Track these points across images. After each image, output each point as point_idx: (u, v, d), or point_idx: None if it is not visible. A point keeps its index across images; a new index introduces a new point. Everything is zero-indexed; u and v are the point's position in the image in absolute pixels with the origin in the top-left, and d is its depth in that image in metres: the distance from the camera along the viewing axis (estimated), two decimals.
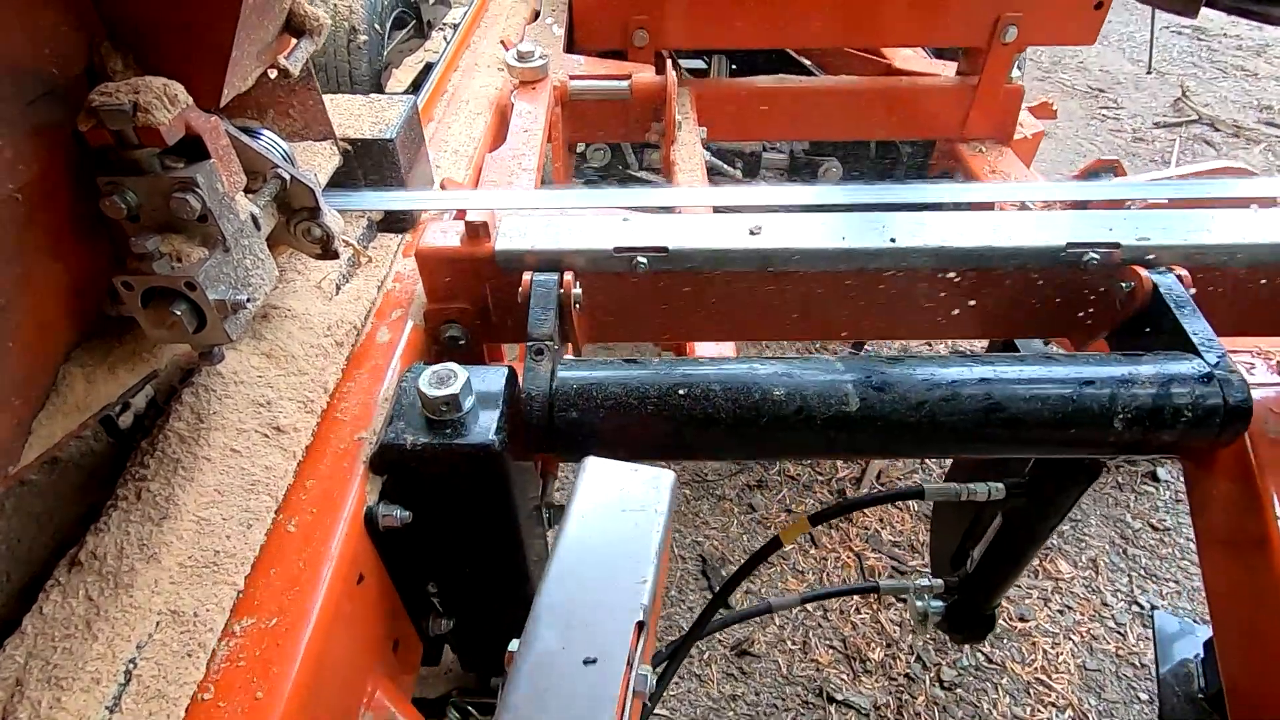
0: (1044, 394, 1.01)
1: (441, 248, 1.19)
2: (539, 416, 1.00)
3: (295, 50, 1.09)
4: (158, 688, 0.79)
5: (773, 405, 1.00)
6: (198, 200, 0.85)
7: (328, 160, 1.29)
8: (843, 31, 2.47)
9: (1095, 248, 1.15)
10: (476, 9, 2.47)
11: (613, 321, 1.26)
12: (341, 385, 1.13)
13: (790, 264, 1.17)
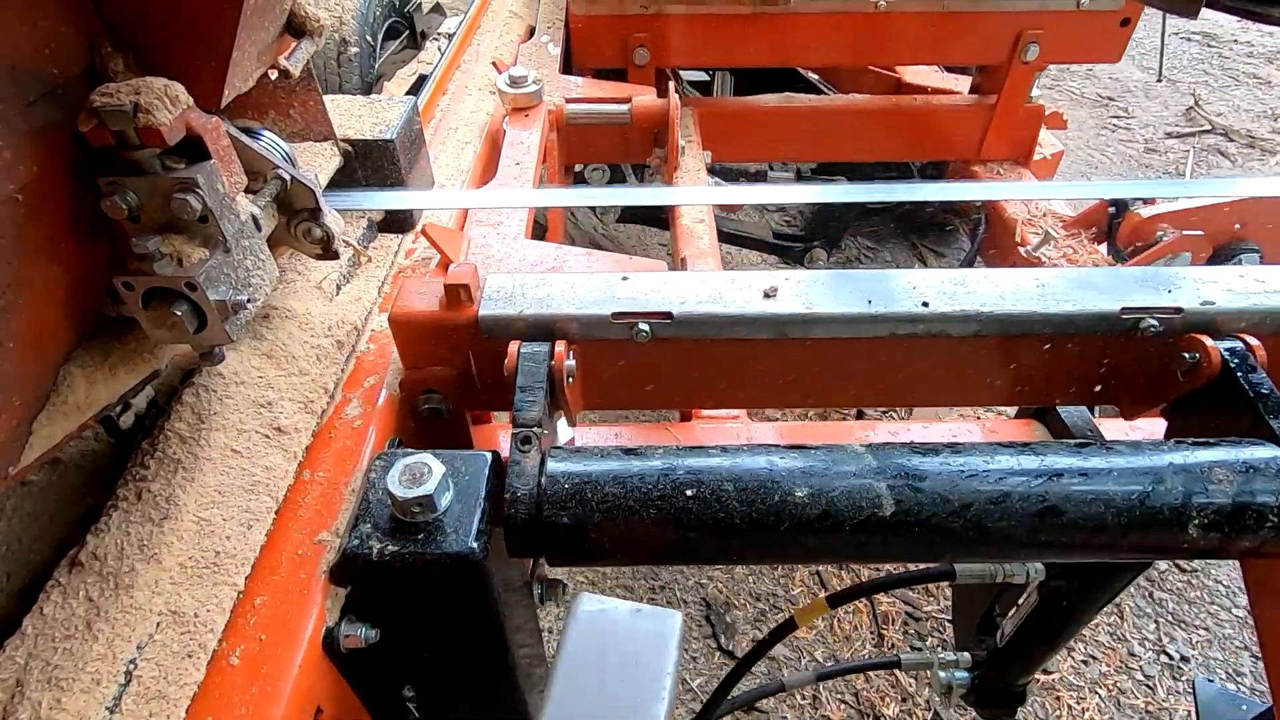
0: (1107, 495, 0.87)
1: (417, 312, 1.06)
2: (525, 519, 0.87)
3: (296, 51, 1.09)
4: (158, 688, 0.79)
5: (795, 508, 0.87)
6: (198, 201, 0.85)
7: (328, 161, 1.29)
8: (853, 51, 2.37)
9: (1153, 313, 1.02)
10: (469, 25, 2.38)
11: (610, 390, 1.14)
12: (305, 469, 1.01)
13: (810, 331, 1.05)
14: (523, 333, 1.04)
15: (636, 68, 2.34)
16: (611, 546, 0.88)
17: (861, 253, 3.95)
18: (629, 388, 1.14)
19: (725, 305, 1.05)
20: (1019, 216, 2.29)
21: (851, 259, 3.88)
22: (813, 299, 1.05)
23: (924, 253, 4.07)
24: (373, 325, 1.25)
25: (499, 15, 2.49)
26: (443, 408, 1.12)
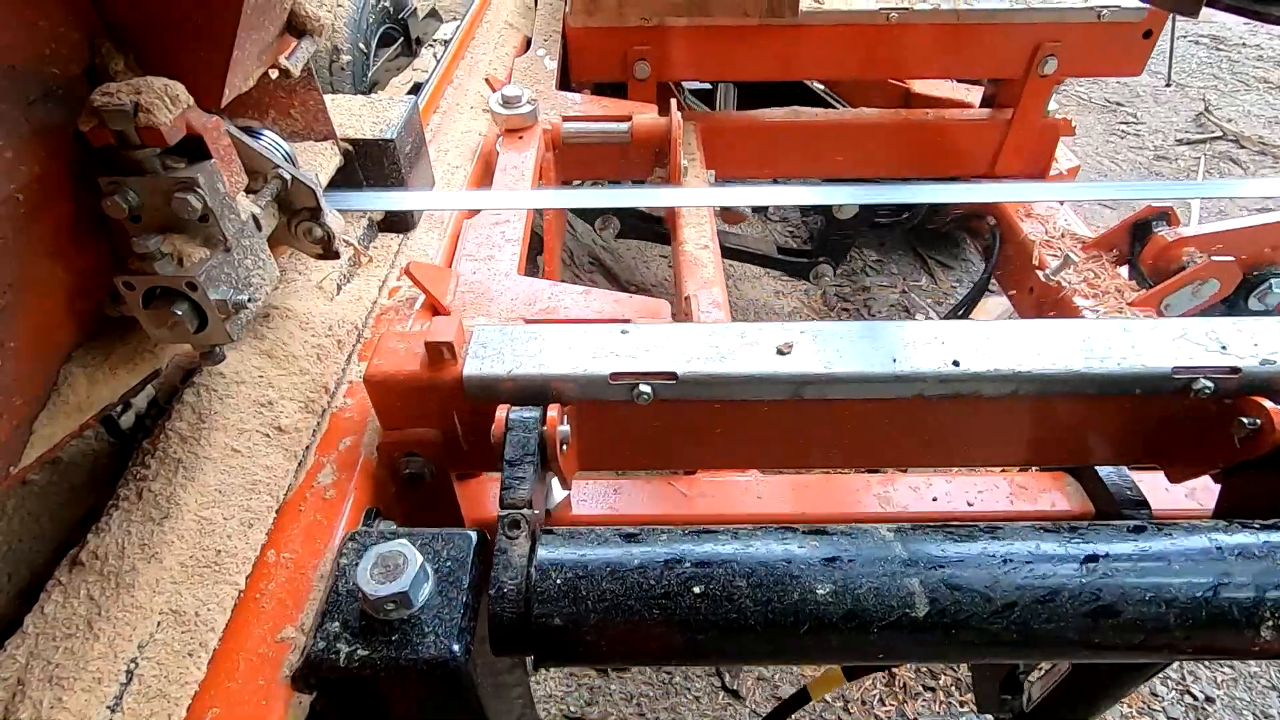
0: (1168, 591, 0.78)
1: (395, 373, 0.97)
2: (512, 618, 0.78)
3: (296, 50, 1.09)
4: (159, 687, 0.79)
5: (816, 607, 0.77)
6: (199, 200, 0.85)
7: (329, 160, 1.29)
8: (863, 64, 2.27)
9: (1208, 373, 0.93)
10: (462, 37, 2.28)
11: (607, 452, 1.05)
12: (270, 549, 0.92)
13: (828, 392, 0.96)
14: (512, 395, 0.94)
15: (637, 81, 2.25)
16: (609, 649, 0.80)
17: (867, 265, 3.93)
18: (628, 450, 1.06)
19: (735, 363, 0.95)
20: (1036, 238, 2.19)
21: (856, 271, 3.87)
22: (831, 356, 0.95)
23: (931, 265, 4.03)
24: (351, 375, 1.17)
25: (494, 26, 2.40)
26: (425, 471, 1.03)
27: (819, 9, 2.15)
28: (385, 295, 1.32)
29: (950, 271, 4.04)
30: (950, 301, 3.93)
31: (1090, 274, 2.01)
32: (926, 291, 3.96)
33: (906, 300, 3.89)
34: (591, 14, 2.10)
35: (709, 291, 1.66)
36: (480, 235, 1.47)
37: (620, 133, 1.88)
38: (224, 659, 0.82)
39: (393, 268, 1.38)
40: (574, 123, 1.89)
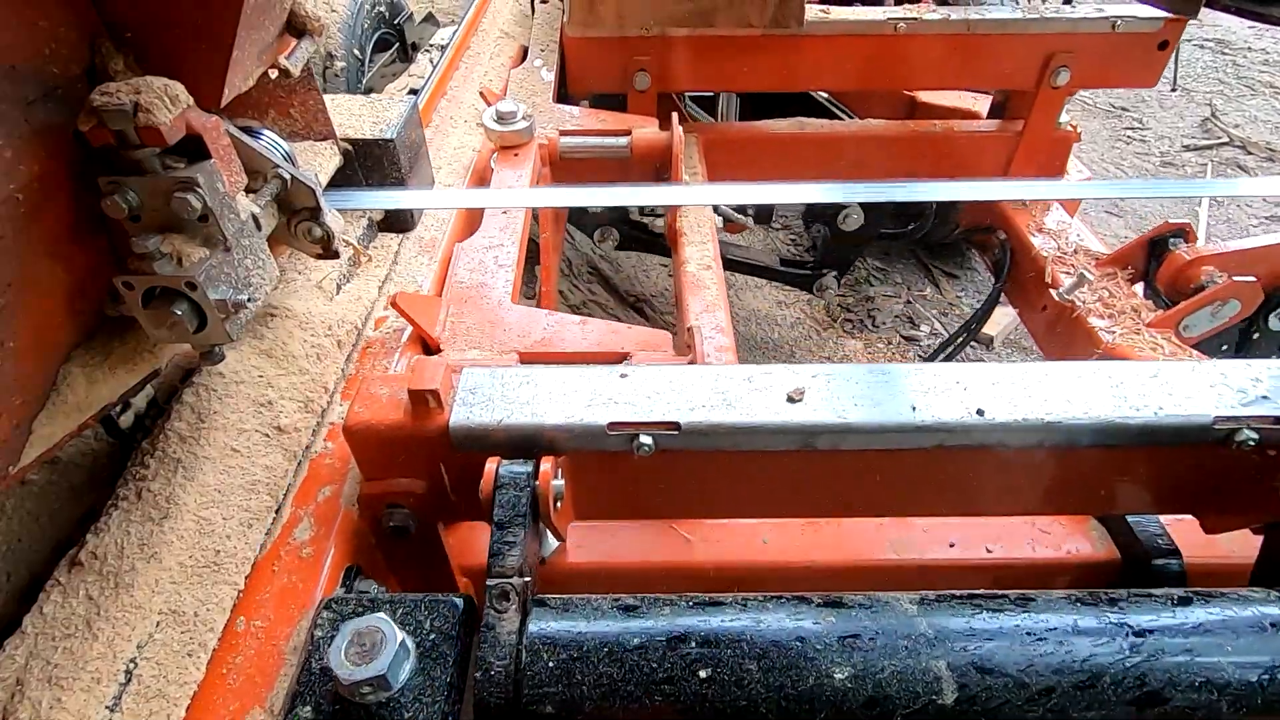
0: (1220, 675, 0.71)
1: (377, 423, 0.89)
2: (499, 702, 0.71)
3: (296, 50, 1.09)
4: (158, 687, 0.79)
5: (834, 693, 0.71)
6: (199, 200, 0.85)
7: (328, 160, 1.29)
8: (869, 75, 2.21)
9: (1252, 423, 0.86)
10: (457, 47, 2.22)
11: (603, 503, 0.99)
12: (239, 615, 0.87)
13: (842, 442, 0.89)
14: (502, 446, 0.87)
15: (637, 92, 2.18)
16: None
17: (871, 274, 3.92)
18: (627, 501, 0.99)
19: (742, 412, 0.88)
20: (1048, 254, 2.13)
21: (860, 280, 3.86)
22: (845, 404, 0.89)
23: (936, 275, 3.99)
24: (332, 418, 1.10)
25: (489, 35, 2.33)
26: (410, 523, 0.96)
27: (824, 19, 2.09)
28: (383, 298, 1.32)
29: (956, 281, 4.00)
30: (956, 313, 3.87)
31: (1105, 292, 1.93)
32: (931, 302, 3.92)
33: (911, 311, 3.84)
34: (589, 24, 2.02)
35: (713, 316, 1.56)
36: (472, 260, 1.41)
37: (619, 147, 1.81)
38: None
39: (393, 268, 1.38)
40: (572, 137, 1.83)
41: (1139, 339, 1.77)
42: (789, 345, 3.75)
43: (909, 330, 3.78)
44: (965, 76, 2.26)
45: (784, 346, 3.74)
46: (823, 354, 3.71)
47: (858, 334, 3.80)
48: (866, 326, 3.81)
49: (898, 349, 3.71)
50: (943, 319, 3.81)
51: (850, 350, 3.71)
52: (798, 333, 3.80)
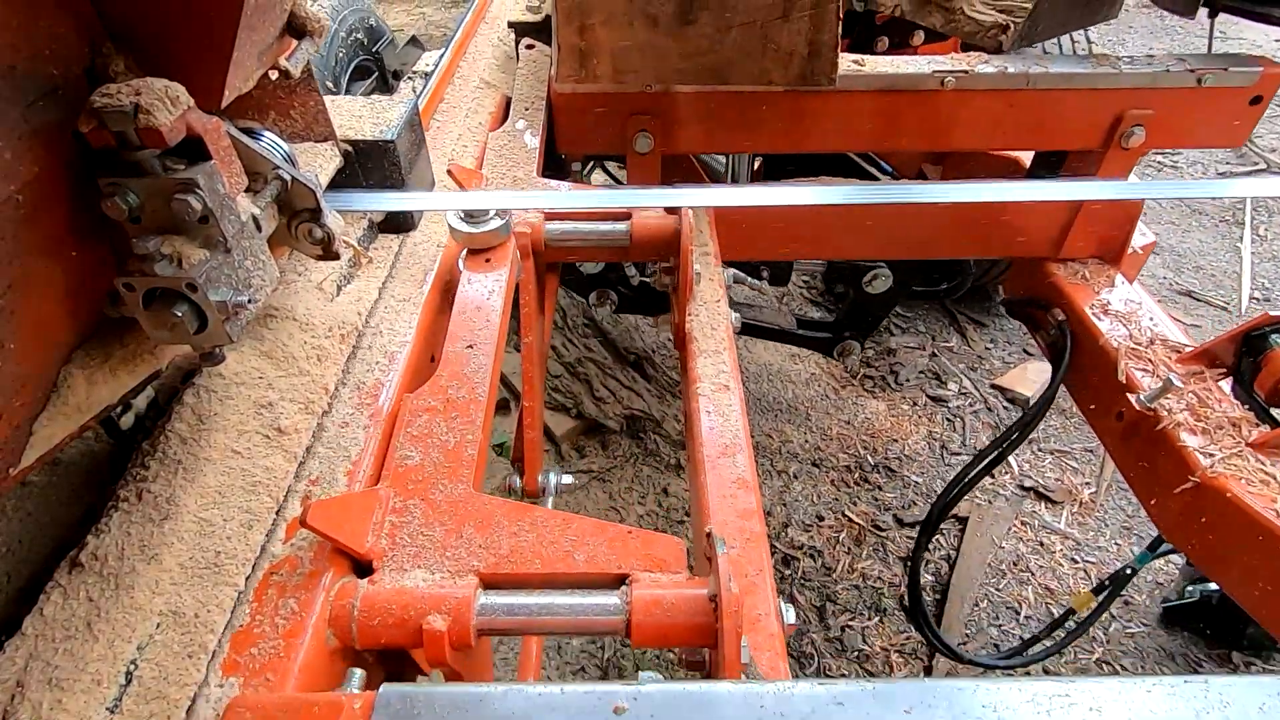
0: None
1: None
2: None
3: (296, 51, 1.09)
4: (159, 689, 0.79)
5: None
6: (199, 201, 0.85)
7: (328, 161, 1.29)
8: (908, 136, 1.93)
9: None
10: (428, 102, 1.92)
11: None
12: None
13: None
14: None
15: (638, 155, 1.88)
16: None
17: (892, 323, 3.78)
18: None
19: None
20: (1119, 343, 1.78)
21: (881, 329, 3.68)
22: None
23: (962, 323, 3.79)
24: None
25: (467, 85, 2.02)
26: None
27: (859, 72, 1.79)
28: (384, 299, 1.32)
29: (984, 330, 3.78)
30: (986, 366, 3.61)
31: (1193, 399, 1.59)
32: (958, 354, 3.69)
33: (937, 365, 3.62)
34: (581, 79, 1.66)
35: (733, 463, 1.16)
36: (423, 425, 1.08)
37: (617, 234, 1.52)
38: None
39: (392, 269, 1.38)
40: (560, 223, 1.53)
41: (1243, 465, 1.46)
42: (803, 407, 3.48)
43: (936, 389, 3.55)
44: (1022, 137, 1.96)
45: (798, 408, 3.48)
46: (841, 417, 3.44)
47: (879, 393, 3.55)
48: (889, 384, 3.58)
49: (924, 411, 3.46)
50: (971, 374, 3.59)
51: (872, 412, 3.44)
52: (813, 391, 3.56)
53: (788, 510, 3.05)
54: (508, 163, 1.73)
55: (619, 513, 3.03)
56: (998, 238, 2.06)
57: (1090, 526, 3.00)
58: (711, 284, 1.59)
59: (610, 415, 3.28)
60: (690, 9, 1.49)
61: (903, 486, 3.15)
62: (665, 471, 3.19)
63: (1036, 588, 2.81)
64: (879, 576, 2.83)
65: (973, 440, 3.35)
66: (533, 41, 2.17)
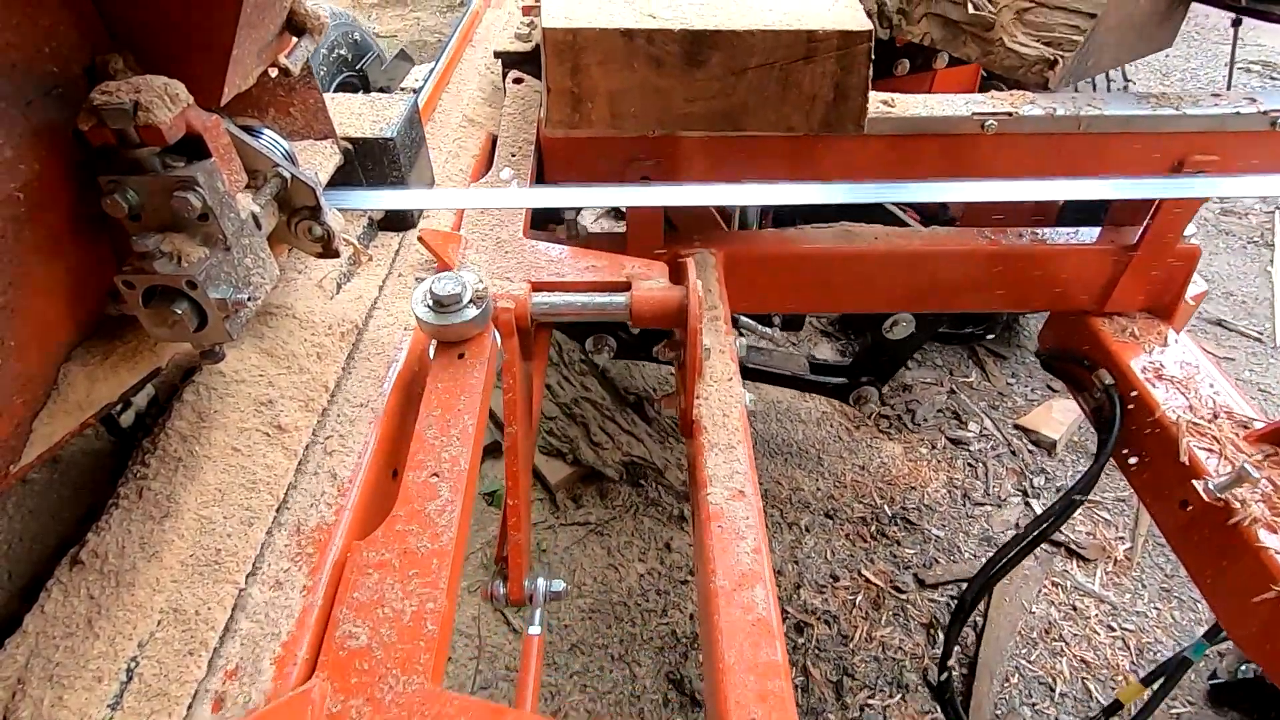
0: None
1: None
2: None
3: (296, 49, 1.09)
4: (160, 686, 0.79)
5: None
6: (199, 199, 0.85)
7: (328, 159, 1.29)
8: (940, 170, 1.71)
9: None
10: None
11: None
12: None
13: None
14: None
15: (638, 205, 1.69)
16: None
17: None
18: None
19: None
20: (1178, 417, 1.57)
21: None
22: None
23: (982, 355, 3.56)
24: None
25: (449, 122, 1.80)
26: None
27: (888, 114, 1.58)
28: (384, 296, 1.32)
29: (1004, 364, 3.55)
30: (1008, 405, 3.36)
31: (1270, 487, 1.39)
32: (978, 391, 3.43)
33: (956, 403, 3.37)
34: (574, 124, 1.44)
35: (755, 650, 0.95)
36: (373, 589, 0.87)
37: (615, 307, 1.30)
38: None
39: (392, 267, 1.38)
40: (549, 294, 1.30)
41: None
42: (815, 450, 3.23)
43: (955, 430, 3.29)
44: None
45: (809, 451, 3.23)
46: (855, 461, 3.19)
47: (895, 434, 3.30)
48: (905, 424, 3.32)
49: (943, 455, 3.20)
50: (993, 413, 3.34)
51: (888, 456, 3.20)
52: (824, 432, 3.32)
53: (799, 569, 2.83)
54: (491, 220, 1.48)
55: (618, 570, 2.81)
56: (1035, 290, 1.86)
57: (1126, 588, 2.78)
58: (723, 357, 1.41)
59: (609, 462, 3.04)
60: (699, 49, 1.31)
61: (923, 541, 2.92)
62: (668, 524, 2.96)
63: (1071, 659, 2.56)
64: (900, 646, 2.60)
65: (996, 488, 3.09)
66: (521, 75, 1.93)
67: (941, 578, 2.80)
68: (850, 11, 1.37)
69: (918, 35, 1.96)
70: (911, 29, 1.98)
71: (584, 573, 2.80)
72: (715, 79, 1.36)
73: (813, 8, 1.37)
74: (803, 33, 1.30)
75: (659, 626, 2.65)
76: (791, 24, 1.31)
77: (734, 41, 1.31)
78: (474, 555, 2.82)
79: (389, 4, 7.28)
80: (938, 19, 1.89)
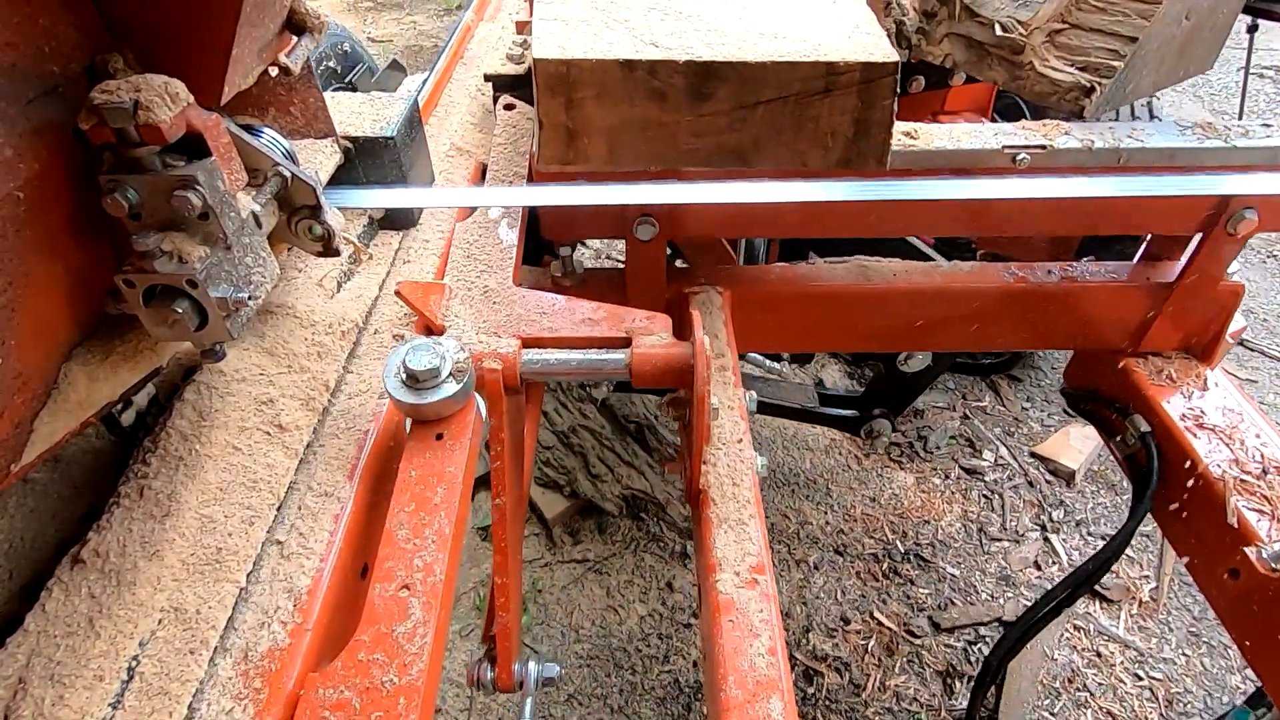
0: None
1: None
2: None
3: (296, 48, 1.09)
4: (160, 685, 0.79)
5: None
6: (199, 198, 0.85)
7: (329, 158, 1.29)
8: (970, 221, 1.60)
9: None
10: None
11: None
12: None
13: None
14: None
15: (639, 242, 1.55)
16: None
17: None
18: None
19: None
20: (1223, 472, 1.45)
21: None
22: None
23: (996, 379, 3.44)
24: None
25: (436, 150, 1.64)
26: None
27: (911, 147, 1.46)
28: (385, 295, 1.32)
29: (1019, 387, 3.38)
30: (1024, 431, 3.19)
31: None
32: (992, 416, 3.27)
33: (969, 429, 3.22)
34: (569, 161, 1.31)
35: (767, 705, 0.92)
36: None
37: (612, 365, 1.18)
38: None
39: (393, 265, 1.38)
40: (540, 351, 1.18)
41: None
42: (823, 480, 3.09)
43: (969, 458, 3.14)
44: (1109, 221, 1.60)
45: (817, 482, 3.08)
46: (865, 493, 3.04)
47: (907, 463, 3.14)
48: (917, 452, 3.17)
49: (957, 485, 3.06)
50: (1008, 439, 3.18)
51: (899, 487, 3.06)
52: (833, 461, 3.17)
53: (808, 610, 2.69)
54: (478, 266, 1.33)
55: (617, 613, 2.69)
56: (1063, 328, 1.74)
57: (1153, 632, 2.63)
58: (731, 415, 1.27)
59: (608, 496, 2.91)
60: (706, 82, 1.19)
61: (937, 580, 2.79)
62: (670, 561, 2.83)
63: (1097, 711, 2.41)
64: (914, 696, 2.46)
65: (1013, 522, 2.94)
66: (513, 101, 1.76)
67: (958, 621, 2.66)
68: (873, 39, 1.23)
69: (938, 56, 1.84)
70: (932, 49, 1.84)
71: (581, 614, 2.69)
72: (723, 113, 1.23)
73: (831, 34, 1.24)
74: (821, 64, 1.18)
75: (661, 674, 2.53)
76: (808, 54, 1.18)
77: (744, 73, 1.18)
78: (466, 595, 2.70)
79: (385, 7, 7.19)
80: (961, 39, 1.76)
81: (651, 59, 1.17)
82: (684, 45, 1.20)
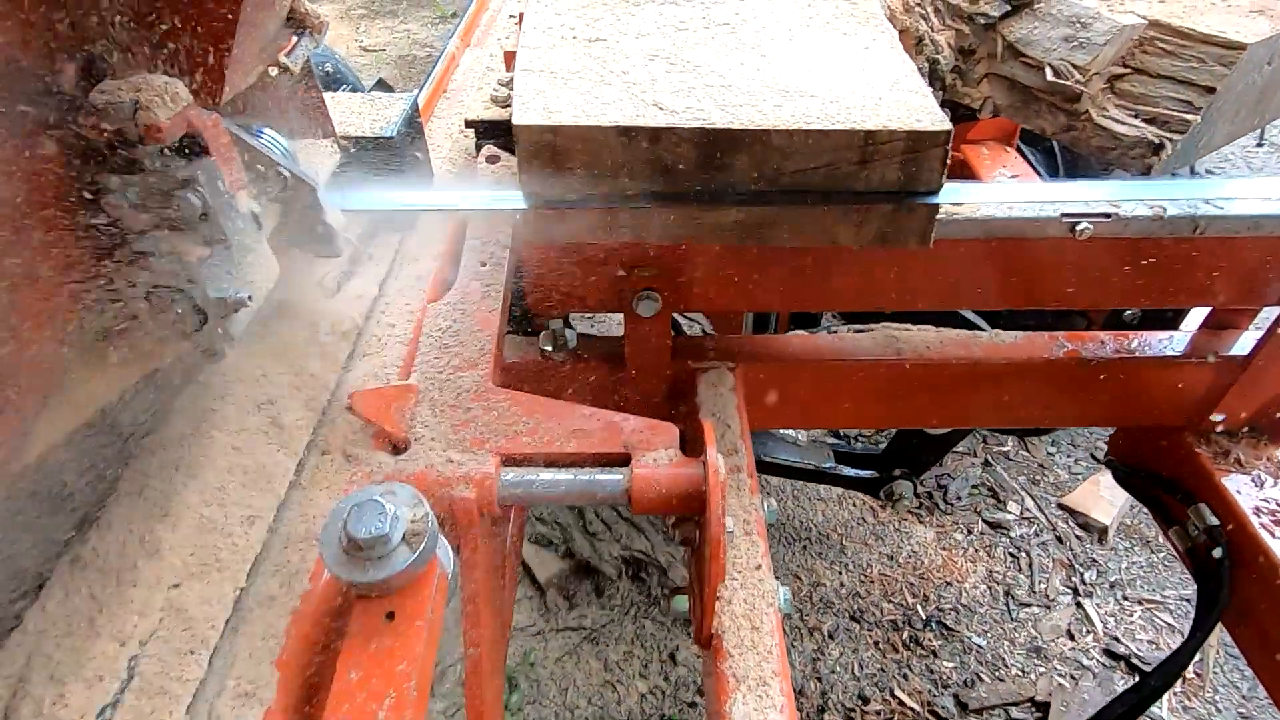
0: None
1: None
2: None
3: (296, 48, 1.09)
4: (160, 684, 0.79)
5: None
6: (199, 198, 0.85)
7: (328, 158, 1.29)
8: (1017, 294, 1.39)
9: None
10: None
11: None
12: None
13: None
14: None
15: (639, 318, 1.34)
16: None
17: None
18: None
19: None
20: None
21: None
22: None
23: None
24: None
25: None
26: None
27: (955, 214, 1.20)
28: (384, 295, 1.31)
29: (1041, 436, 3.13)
30: (1050, 480, 2.96)
31: None
32: (1016, 463, 3.05)
33: (991, 478, 3.00)
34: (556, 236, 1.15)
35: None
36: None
37: (610, 489, 1.00)
38: None
39: (392, 265, 1.38)
40: (523, 471, 1.02)
41: None
42: (837, 536, 2.88)
43: (993, 511, 2.92)
44: (1175, 294, 1.38)
45: (830, 538, 2.87)
46: (882, 550, 2.83)
47: (926, 516, 2.91)
48: (937, 504, 2.94)
49: (981, 542, 2.82)
50: (1034, 489, 2.95)
51: (918, 544, 2.83)
52: (847, 514, 2.96)
53: (823, 687, 2.45)
54: (454, 361, 1.16)
55: (616, 690, 2.46)
56: (1117, 405, 1.55)
57: (1198, 713, 2.37)
58: (748, 535, 1.10)
59: (606, 557, 2.72)
60: (719, 152, 1.00)
61: (962, 652, 2.54)
62: (672, 628, 2.61)
63: None
64: None
65: (1042, 584, 2.70)
66: (496, 152, 1.49)
67: (986, 700, 2.42)
68: (918, 98, 1.04)
69: (976, 99, 1.58)
70: (969, 90, 1.58)
71: (577, 692, 2.46)
72: (738, 187, 1.05)
73: (866, 91, 1.05)
74: (858, 133, 0.99)
75: None
76: (841, 119, 1.00)
77: (765, 142, 0.99)
78: (451, 669, 2.42)
79: (378, 15, 7.00)
80: (1003, 81, 1.51)
81: (655, 125, 0.99)
82: (693, 107, 1.01)
